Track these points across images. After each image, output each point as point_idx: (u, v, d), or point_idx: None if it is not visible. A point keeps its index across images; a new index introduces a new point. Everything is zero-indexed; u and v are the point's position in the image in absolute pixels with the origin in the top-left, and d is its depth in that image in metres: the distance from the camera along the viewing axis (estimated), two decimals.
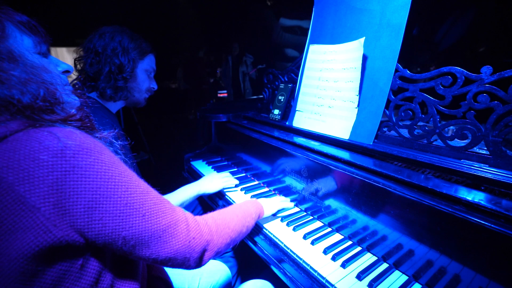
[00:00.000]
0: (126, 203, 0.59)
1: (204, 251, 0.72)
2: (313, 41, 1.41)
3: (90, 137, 0.61)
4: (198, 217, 0.77)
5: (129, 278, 0.69)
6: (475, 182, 0.80)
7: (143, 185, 0.65)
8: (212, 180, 1.38)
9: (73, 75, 1.23)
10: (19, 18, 0.66)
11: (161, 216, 0.65)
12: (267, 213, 1.12)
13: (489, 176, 0.76)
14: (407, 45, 1.05)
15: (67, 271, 0.56)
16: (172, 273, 1.10)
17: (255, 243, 1.09)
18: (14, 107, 0.56)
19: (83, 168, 0.55)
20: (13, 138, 0.52)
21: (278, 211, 1.21)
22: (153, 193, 0.67)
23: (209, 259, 0.74)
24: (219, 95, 3.27)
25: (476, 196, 0.72)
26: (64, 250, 0.55)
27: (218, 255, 0.80)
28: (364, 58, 1.14)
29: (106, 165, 0.59)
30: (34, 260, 0.51)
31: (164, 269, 1.01)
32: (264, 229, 1.11)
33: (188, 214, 0.73)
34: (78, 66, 1.27)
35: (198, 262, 0.71)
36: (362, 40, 1.11)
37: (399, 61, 1.05)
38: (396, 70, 1.05)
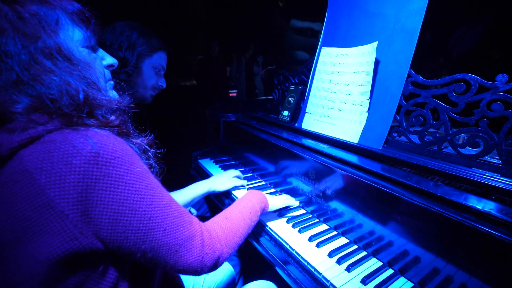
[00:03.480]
0: (150, 216, 0.59)
1: (215, 265, 0.73)
2: (326, 44, 1.41)
3: (125, 144, 0.59)
4: (209, 227, 0.76)
5: (145, 286, 0.69)
6: (486, 191, 0.79)
7: (166, 197, 0.64)
8: (223, 179, 1.38)
9: None
10: (72, 7, 0.64)
11: (180, 230, 0.64)
12: (272, 208, 1.11)
13: (501, 185, 0.75)
14: (420, 50, 1.04)
15: (88, 276, 0.56)
16: None
17: (260, 243, 1.10)
18: (52, 108, 0.54)
19: (113, 178, 0.54)
20: (48, 138, 0.51)
21: (284, 211, 1.21)
22: (174, 204, 0.66)
23: (218, 268, 0.75)
24: (230, 94, 3.29)
25: (486, 205, 0.71)
26: (88, 256, 0.54)
27: None
28: (376, 62, 1.13)
29: (136, 176, 0.58)
30: (59, 265, 0.51)
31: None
32: (269, 230, 1.12)
33: (202, 226, 0.73)
34: None
35: (208, 272, 0.72)
36: (375, 44, 1.10)
37: (411, 66, 1.04)
38: (409, 76, 1.05)
